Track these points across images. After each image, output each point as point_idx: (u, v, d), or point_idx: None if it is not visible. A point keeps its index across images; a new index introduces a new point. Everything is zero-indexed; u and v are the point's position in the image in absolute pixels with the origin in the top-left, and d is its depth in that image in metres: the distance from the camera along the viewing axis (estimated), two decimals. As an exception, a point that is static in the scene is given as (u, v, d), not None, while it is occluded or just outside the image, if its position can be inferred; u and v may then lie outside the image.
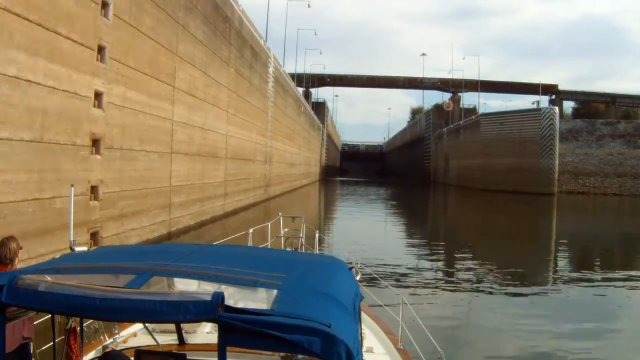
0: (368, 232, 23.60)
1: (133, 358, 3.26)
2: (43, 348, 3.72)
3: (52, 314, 2.83)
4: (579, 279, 13.80)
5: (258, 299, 2.66)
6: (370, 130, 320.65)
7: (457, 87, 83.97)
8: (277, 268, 2.88)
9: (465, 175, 66.61)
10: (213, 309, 2.05)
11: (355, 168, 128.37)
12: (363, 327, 3.82)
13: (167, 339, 3.96)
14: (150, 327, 4.01)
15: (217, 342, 2.17)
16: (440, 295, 11.51)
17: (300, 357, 2.88)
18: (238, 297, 2.67)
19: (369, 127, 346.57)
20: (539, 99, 66.27)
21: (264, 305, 2.39)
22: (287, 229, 8.37)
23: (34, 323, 3.58)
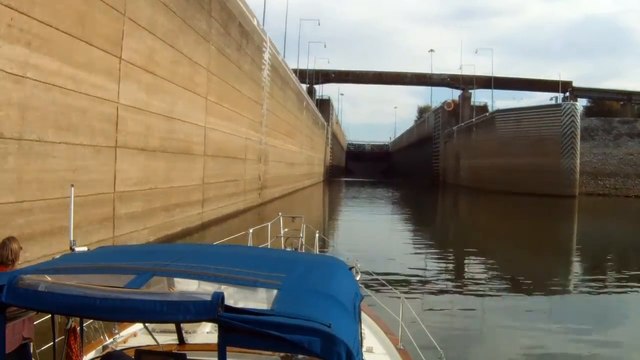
0: (372, 233, 23.57)
1: (133, 358, 3.27)
2: (43, 348, 3.73)
3: (52, 314, 2.83)
4: (591, 287, 13.03)
5: (258, 299, 2.66)
6: (376, 131, 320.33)
7: (467, 83, 79.07)
8: (277, 268, 2.88)
9: (478, 176, 63.30)
10: (213, 309, 2.06)
11: (361, 168, 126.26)
12: (363, 327, 3.82)
13: (167, 339, 3.96)
14: (150, 327, 4.01)
15: (217, 342, 2.17)
16: (441, 296, 11.51)
17: (300, 357, 2.88)
18: (238, 297, 2.67)
19: (375, 127, 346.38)
20: (557, 95, 63.48)
21: (264, 305, 2.40)
22: (287, 229, 8.38)
23: (34, 323, 3.58)
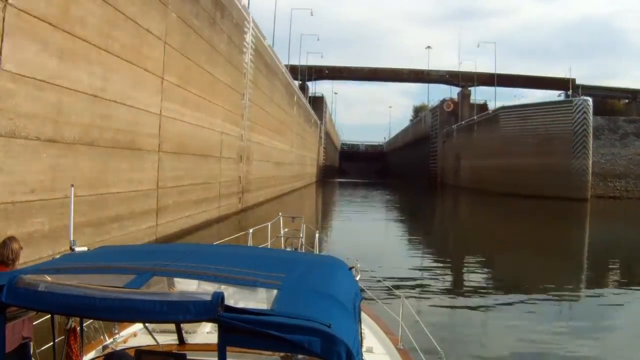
0: (369, 233, 23.54)
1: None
2: (43, 348, 3.73)
3: (52, 314, 2.83)
4: (595, 291, 12.58)
5: (258, 299, 2.66)
6: (370, 131, 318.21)
7: (467, 80, 74.91)
8: (277, 268, 2.88)
9: (480, 177, 60.02)
10: (213, 309, 2.06)
11: (355, 168, 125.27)
12: (363, 327, 3.82)
13: (167, 339, 3.96)
14: (150, 327, 4.01)
15: (217, 342, 2.17)
16: (441, 296, 11.49)
17: (300, 357, 2.88)
18: (238, 297, 2.67)
19: (368, 127, 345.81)
20: (563, 93, 60.98)
21: (264, 305, 2.40)
22: (287, 229, 8.40)
23: (34, 323, 3.58)
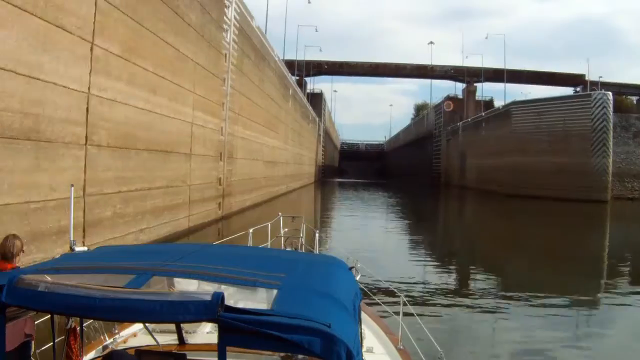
0: (370, 235, 23.51)
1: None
2: (43, 348, 3.73)
3: (52, 314, 2.84)
4: (598, 295, 12.19)
5: (258, 299, 2.66)
6: (370, 131, 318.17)
7: (472, 76, 72.44)
8: (277, 268, 2.89)
9: (489, 177, 56.92)
10: (213, 309, 2.06)
11: (355, 168, 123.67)
12: (363, 327, 3.82)
13: (167, 339, 3.96)
14: (150, 327, 4.01)
15: (217, 342, 2.17)
16: (441, 296, 11.49)
17: (300, 357, 2.88)
18: (238, 297, 2.68)
19: (368, 127, 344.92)
20: (578, 89, 59.37)
21: (264, 305, 2.40)
22: (287, 229, 8.40)
23: (35, 322, 3.59)
